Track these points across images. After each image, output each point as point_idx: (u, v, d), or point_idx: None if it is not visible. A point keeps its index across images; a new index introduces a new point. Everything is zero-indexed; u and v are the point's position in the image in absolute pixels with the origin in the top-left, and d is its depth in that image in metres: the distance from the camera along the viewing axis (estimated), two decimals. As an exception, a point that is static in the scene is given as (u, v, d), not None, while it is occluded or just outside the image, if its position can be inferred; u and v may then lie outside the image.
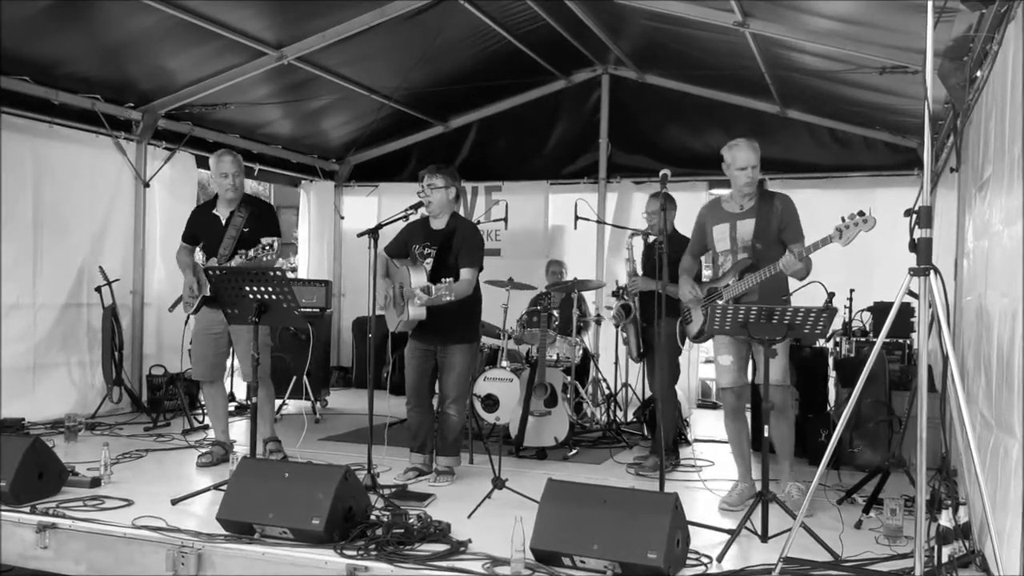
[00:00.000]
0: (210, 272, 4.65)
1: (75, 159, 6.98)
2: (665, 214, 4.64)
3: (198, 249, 5.51)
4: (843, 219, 4.12)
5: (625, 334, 6.12)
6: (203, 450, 5.63)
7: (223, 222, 5.41)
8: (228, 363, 5.81)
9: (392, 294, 5.16)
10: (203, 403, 7.45)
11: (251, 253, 5.01)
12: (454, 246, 5.08)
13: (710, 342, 5.02)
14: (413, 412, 5.29)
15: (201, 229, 5.53)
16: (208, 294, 5.16)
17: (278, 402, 6.80)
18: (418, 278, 4.86)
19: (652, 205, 5.76)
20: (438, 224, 5.20)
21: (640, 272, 5.96)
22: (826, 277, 4.78)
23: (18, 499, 4.18)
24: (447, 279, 4.78)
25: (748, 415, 5.23)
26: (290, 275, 5.61)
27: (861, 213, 4.09)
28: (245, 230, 5.34)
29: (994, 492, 3.11)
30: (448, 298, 4.67)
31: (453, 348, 5.13)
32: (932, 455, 4.56)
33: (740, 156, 4.64)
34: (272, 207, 5.73)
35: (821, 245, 4.27)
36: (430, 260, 5.11)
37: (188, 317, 5.64)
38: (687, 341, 5.22)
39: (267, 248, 4.94)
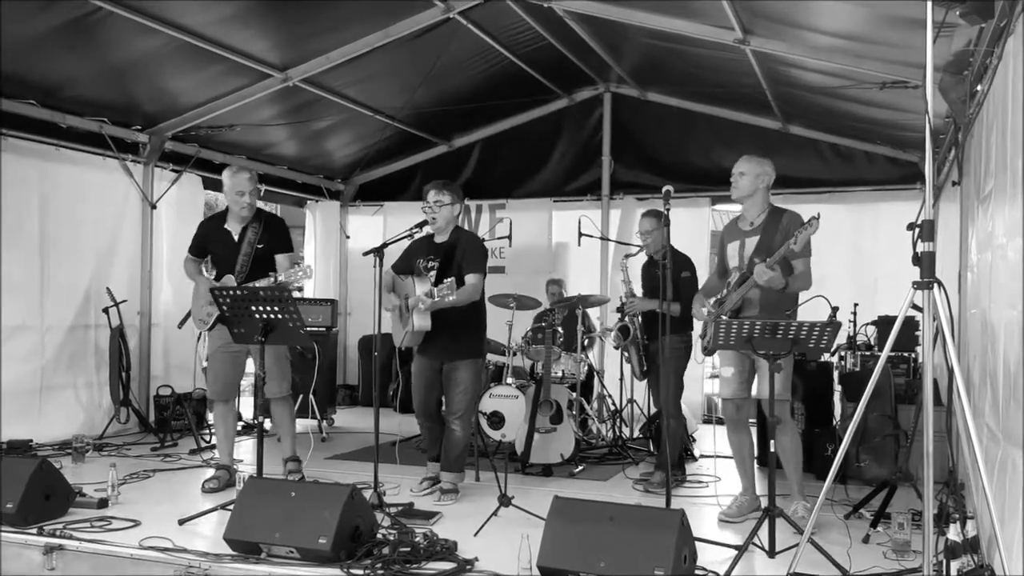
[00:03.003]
0: (216, 292, 4.65)
1: (82, 182, 7.03)
2: (668, 231, 4.66)
3: (208, 264, 5.48)
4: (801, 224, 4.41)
5: (627, 354, 6.12)
6: (209, 475, 5.54)
7: (235, 238, 5.36)
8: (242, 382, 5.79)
9: (398, 305, 5.21)
10: (210, 424, 7.51)
11: (281, 278, 4.98)
12: (456, 256, 5.13)
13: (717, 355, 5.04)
14: (424, 427, 5.39)
15: (212, 243, 5.48)
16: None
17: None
18: (423, 287, 4.91)
19: (644, 224, 5.78)
20: (441, 238, 5.25)
21: (641, 290, 5.97)
22: (830, 291, 4.79)
23: (25, 520, 4.18)
24: (449, 279, 4.77)
25: (753, 429, 5.22)
26: (296, 294, 5.54)
27: (812, 219, 4.29)
28: (259, 246, 5.31)
29: (1002, 505, 3.10)
30: (451, 298, 4.69)
31: (458, 364, 5.15)
32: (939, 469, 4.54)
33: (735, 166, 4.82)
34: (283, 221, 5.63)
35: (782, 254, 4.42)
36: (434, 272, 5.15)
37: (200, 334, 5.58)
38: (700, 355, 5.26)
39: (302, 272, 4.97)
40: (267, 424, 5.66)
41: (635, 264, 6.19)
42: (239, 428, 7.49)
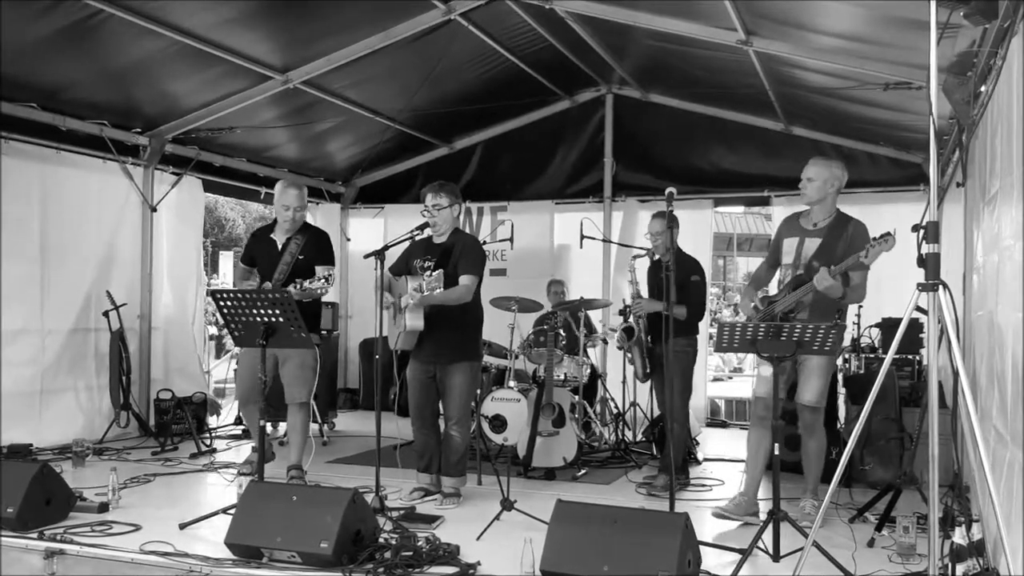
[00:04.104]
0: (216, 294, 4.65)
1: (83, 185, 7.02)
2: (672, 233, 4.64)
3: (255, 272, 5.60)
4: (872, 239, 4.32)
5: (630, 355, 6.10)
6: (243, 461, 5.96)
7: (279, 247, 5.49)
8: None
9: (393, 302, 5.19)
10: (210, 427, 7.53)
11: (306, 284, 5.00)
12: (453, 257, 5.09)
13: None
14: (419, 433, 5.30)
15: (257, 252, 5.61)
16: None
17: (283, 426, 6.77)
18: (414, 284, 4.85)
19: (655, 226, 5.75)
20: (440, 239, 5.23)
21: (646, 292, 5.95)
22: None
23: (25, 525, 4.17)
24: (437, 271, 4.78)
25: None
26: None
27: (887, 235, 4.23)
28: (300, 257, 5.43)
29: (1009, 508, 3.07)
30: (439, 291, 4.69)
31: (452, 368, 5.10)
32: (944, 472, 4.52)
33: (805, 170, 4.87)
34: (328, 236, 5.73)
35: (850, 265, 4.42)
36: (429, 272, 5.07)
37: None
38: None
39: (323, 280, 4.98)
40: (268, 428, 5.65)
41: (642, 266, 6.17)
42: (240, 431, 7.52)
